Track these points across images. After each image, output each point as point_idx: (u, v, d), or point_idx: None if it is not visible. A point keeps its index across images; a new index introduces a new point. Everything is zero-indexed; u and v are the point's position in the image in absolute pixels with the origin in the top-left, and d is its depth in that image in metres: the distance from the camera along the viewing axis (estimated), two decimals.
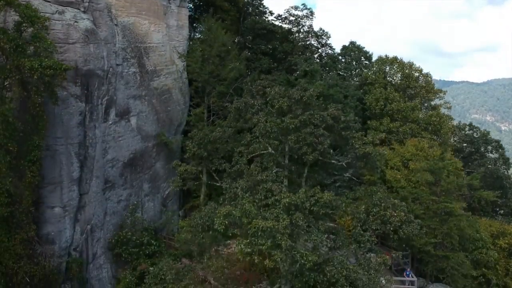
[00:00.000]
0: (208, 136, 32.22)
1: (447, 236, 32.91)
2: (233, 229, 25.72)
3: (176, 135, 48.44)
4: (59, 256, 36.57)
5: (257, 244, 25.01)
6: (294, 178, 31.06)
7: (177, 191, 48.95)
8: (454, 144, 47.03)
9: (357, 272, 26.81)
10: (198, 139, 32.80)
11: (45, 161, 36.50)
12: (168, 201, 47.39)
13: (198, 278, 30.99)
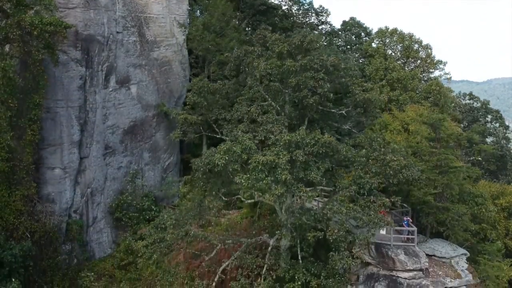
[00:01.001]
0: (208, 86, 32.34)
1: (447, 188, 32.78)
2: (233, 164, 25.72)
3: (176, 107, 48.62)
4: (59, 215, 36.85)
5: (257, 179, 25.04)
6: (294, 127, 31.05)
7: (177, 163, 49.15)
8: (454, 114, 46.83)
9: (356, 211, 26.80)
10: (198, 88, 32.96)
11: (45, 123, 36.98)
12: (169, 172, 47.53)
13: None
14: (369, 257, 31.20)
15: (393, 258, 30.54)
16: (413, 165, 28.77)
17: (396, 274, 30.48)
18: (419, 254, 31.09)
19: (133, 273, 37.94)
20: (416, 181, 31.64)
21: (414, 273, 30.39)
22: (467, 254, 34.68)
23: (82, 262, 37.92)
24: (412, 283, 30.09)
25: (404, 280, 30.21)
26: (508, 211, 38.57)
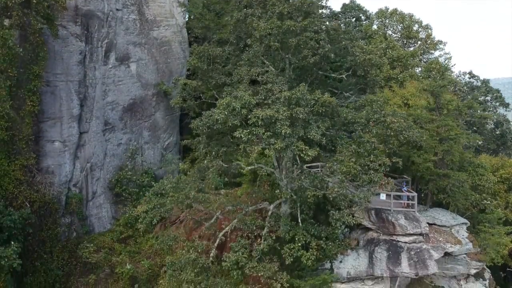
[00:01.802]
0: (207, 51, 32.27)
1: (447, 155, 32.69)
2: (233, 119, 25.64)
3: (176, 88, 48.57)
4: (58, 187, 36.81)
5: (257, 133, 24.98)
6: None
7: (177, 143, 49.11)
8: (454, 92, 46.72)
9: (357, 170, 26.72)
10: (198, 53, 32.94)
11: (45, 96, 37.06)
12: (168, 152, 47.49)
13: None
14: (369, 223, 31.12)
15: (393, 223, 30.46)
16: (414, 128, 28.70)
17: (396, 238, 30.39)
18: (419, 219, 31.02)
19: (133, 246, 37.89)
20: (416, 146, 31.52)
21: (414, 238, 30.31)
22: (468, 223, 34.64)
23: (81, 235, 37.82)
24: (412, 247, 29.97)
25: (404, 244, 30.11)
26: (508, 183, 38.46)
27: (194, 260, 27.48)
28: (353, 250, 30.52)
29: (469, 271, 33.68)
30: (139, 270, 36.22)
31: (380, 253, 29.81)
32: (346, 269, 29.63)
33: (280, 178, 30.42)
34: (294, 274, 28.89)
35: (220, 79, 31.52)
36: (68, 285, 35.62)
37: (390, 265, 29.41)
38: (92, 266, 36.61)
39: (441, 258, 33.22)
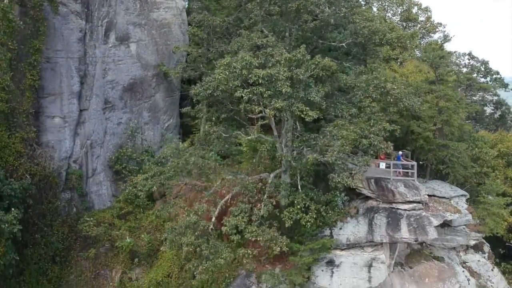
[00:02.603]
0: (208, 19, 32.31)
1: (446, 125, 32.81)
2: (234, 80, 25.74)
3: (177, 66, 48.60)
4: (59, 161, 36.92)
5: (258, 93, 25.08)
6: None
7: (177, 125, 49.22)
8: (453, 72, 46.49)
9: (356, 133, 26.83)
10: (198, 21, 33.03)
11: (45, 72, 37.25)
12: (168, 133, 47.54)
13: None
14: (368, 191, 31.20)
15: (393, 191, 30.53)
16: (413, 95, 28.83)
17: (396, 206, 30.47)
18: (419, 187, 31.10)
19: (133, 222, 37.88)
20: (415, 116, 31.65)
21: (413, 205, 30.39)
22: (467, 195, 34.75)
23: (81, 211, 37.87)
24: (412, 214, 30.04)
25: (404, 211, 30.19)
26: (507, 158, 38.56)
27: (194, 223, 27.55)
28: (353, 218, 30.60)
29: (468, 242, 33.79)
30: (139, 244, 36.21)
31: (379, 219, 29.88)
32: (345, 236, 29.67)
33: (280, 147, 30.48)
34: (294, 240, 28.94)
35: (220, 47, 31.62)
36: (68, 259, 35.64)
37: (389, 231, 29.46)
38: (92, 240, 36.64)
39: (441, 229, 33.38)
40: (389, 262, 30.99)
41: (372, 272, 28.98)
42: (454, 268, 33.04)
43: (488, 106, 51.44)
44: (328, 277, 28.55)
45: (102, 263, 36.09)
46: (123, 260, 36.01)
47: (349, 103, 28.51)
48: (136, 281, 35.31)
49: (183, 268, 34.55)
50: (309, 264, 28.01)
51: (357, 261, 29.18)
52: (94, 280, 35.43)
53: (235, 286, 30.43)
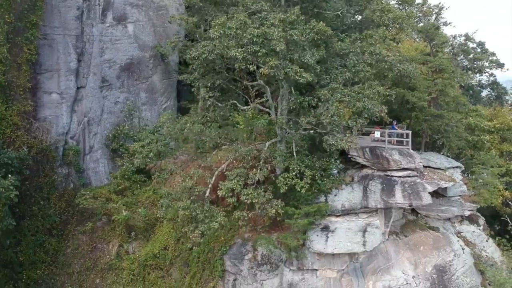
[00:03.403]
0: None
1: (441, 94, 33.01)
2: (229, 39, 25.91)
3: (173, 54, 48.96)
4: (56, 136, 37.20)
5: (252, 51, 25.23)
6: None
7: (174, 108, 49.37)
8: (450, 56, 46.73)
9: (350, 96, 27.04)
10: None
11: (42, 49, 37.54)
12: None
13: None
14: (363, 160, 31.36)
15: (388, 158, 30.70)
16: (408, 61, 29.03)
17: (391, 173, 30.60)
18: (414, 155, 31.27)
19: (130, 197, 37.98)
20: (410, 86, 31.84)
21: (408, 172, 30.54)
22: (462, 167, 34.93)
23: (78, 187, 38.03)
24: (406, 181, 30.19)
25: (399, 178, 30.34)
26: (502, 133, 38.75)
27: (190, 188, 27.71)
28: (348, 185, 30.74)
29: (463, 212, 33.92)
30: (136, 218, 36.35)
31: (374, 186, 30.02)
32: (340, 202, 29.81)
33: (275, 116, 30.63)
34: (289, 205, 29.07)
35: (216, 16, 31.79)
36: (65, 233, 35.79)
37: (384, 196, 29.62)
38: (89, 215, 36.83)
39: (436, 200, 33.57)
40: (384, 230, 31.13)
41: (367, 236, 29.12)
42: (449, 238, 33.18)
43: (484, 89, 51.65)
44: (323, 241, 28.67)
45: (99, 236, 36.23)
46: (120, 233, 36.13)
47: (343, 68, 28.66)
48: (132, 254, 35.38)
49: (180, 240, 34.77)
50: (304, 227, 28.13)
51: (351, 226, 29.31)
52: (91, 253, 35.57)
53: (231, 254, 30.52)
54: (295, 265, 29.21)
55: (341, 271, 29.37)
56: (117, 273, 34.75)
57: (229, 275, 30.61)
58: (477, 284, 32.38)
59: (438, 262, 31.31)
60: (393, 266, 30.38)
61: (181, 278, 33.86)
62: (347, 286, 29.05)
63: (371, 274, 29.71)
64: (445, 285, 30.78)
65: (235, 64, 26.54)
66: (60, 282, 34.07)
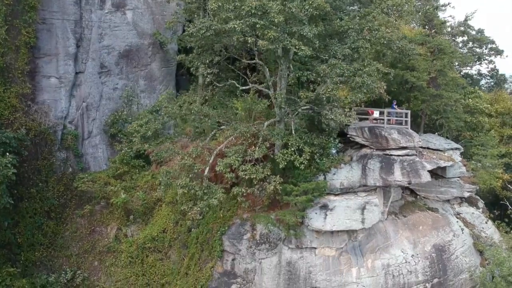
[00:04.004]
0: None
1: (440, 74, 32.97)
2: (226, 12, 25.87)
3: (172, 42, 48.94)
4: (54, 120, 37.13)
5: (250, 24, 25.18)
6: None
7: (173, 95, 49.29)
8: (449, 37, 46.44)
9: (349, 71, 27.00)
10: None
11: (41, 33, 37.52)
12: None
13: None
14: (362, 139, 31.34)
15: (386, 137, 30.70)
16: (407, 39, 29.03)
17: (390, 152, 30.61)
18: (413, 134, 31.29)
19: (128, 182, 37.89)
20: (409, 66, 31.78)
21: (407, 151, 30.55)
22: (461, 149, 34.88)
23: (77, 171, 37.92)
24: (405, 159, 30.18)
25: (398, 157, 30.34)
26: (503, 117, 38.69)
27: (189, 166, 27.65)
28: (347, 164, 30.70)
29: (462, 194, 33.90)
30: (134, 201, 36.29)
31: (373, 164, 29.99)
32: (339, 180, 29.76)
33: (274, 96, 30.56)
34: (288, 183, 29.01)
35: None
36: (63, 216, 35.69)
37: (383, 174, 29.58)
38: (87, 199, 36.74)
39: (435, 181, 33.57)
40: (383, 209, 31.09)
41: (366, 214, 29.02)
42: (448, 218, 33.13)
43: (484, 78, 51.64)
44: (322, 219, 28.57)
45: (97, 220, 36.15)
46: (118, 217, 36.07)
47: (342, 45, 28.63)
48: (131, 237, 35.29)
49: (178, 223, 34.72)
50: (303, 204, 28.04)
51: (350, 204, 29.22)
52: (89, 236, 35.49)
53: (229, 234, 30.43)
54: (294, 244, 29.10)
55: (339, 250, 29.27)
56: (116, 256, 34.64)
57: (228, 255, 30.50)
58: (476, 264, 32.33)
59: (437, 241, 31.25)
60: (392, 245, 30.31)
61: (180, 260, 33.82)
62: (345, 264, 28.94)
63: (370, 253, 29.63)
64: (444, 264, 30.71)
65: (234, 37, 26.46)
66: (58, 264, 33.96)
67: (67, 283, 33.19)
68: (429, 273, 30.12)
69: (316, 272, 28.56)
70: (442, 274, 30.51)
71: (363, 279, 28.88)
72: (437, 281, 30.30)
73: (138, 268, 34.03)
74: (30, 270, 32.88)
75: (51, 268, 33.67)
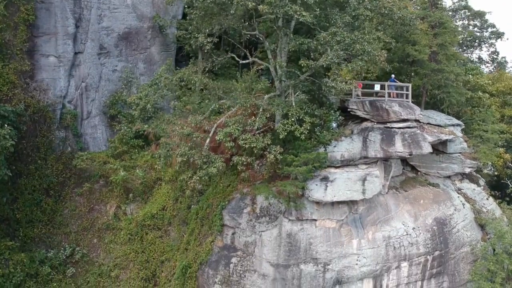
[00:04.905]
0: None
1: (441, 48, 32.86)
2: None
3: (171, 26, 48.83)
4: (54, 98, 37.03)
5: None
6: None
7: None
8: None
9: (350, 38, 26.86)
10: None
11: (40, 12, 37.51)
12: None
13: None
14: (363, 112, 31.19)
15: (387, 110, 30.55)
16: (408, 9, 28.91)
17: (390, 125, 30.45)
18: (413, 107, 31.16)
19: (128, 161, 37.76)
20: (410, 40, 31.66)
21: (408, 123, 30.41)
22: (462, 125, 34.74)
23: (76, 151, 37.73)
24: (406, 131, 30.04)
25: (399, 129, 30.17)
26: (503, 97, 38.57)
27: (188, 135, 27.47)
28: (347, 137, 30.52)
29: (463, 169, 33.72)
30: (133, 179, 36.12)
31: (374, 136, 29.81)
32: (340, 152, 29.53)
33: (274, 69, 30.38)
34: (289, 153, 28.82)
35: None
36: (62, 194, 35.53)
37: (383, 145, 29.39)
38: (86, 178, 36.58)
39: (436, 157, 33.44)
40: (384, 183, 30.90)
41: (366, 185, 28.80)
42: (449, 193, 32.94)
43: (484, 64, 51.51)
44: (322, 190, 28.35)
45: (97, 198, 35.99)
46: (118, 195, 35.91)
47: (343, 13, 28.46)
48: (130, 215, 35.10)
49: (178, 200, 34.55)
50: (303, 174, 27.80)
51: (351, 176, 29.01)
52: (88, 214, 35.34)
53: (229, 208, 30.19)
54: (294, 216, 28.88)
55: (340, 222, 29.04)
56: (115, 233, 34.46)
57: (228, 229, 30.28)
58: (478, 238, 32.14)
59: (438, 215, 31.07)
60: (393, 218, 30.12)
61: (179, 237, 33.64)
62: (346, 236, 28.73)
63: (371, 225, 29.42)
64: (445, 237, 30.52)
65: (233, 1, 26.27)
66: (57, 241, 33.75)
67: (66, 259, 33.01)
68: (430, 245, 29.91)
69: (316, 243, 28.34)
70: (444, 247, 30.30)
71: (364, 250, 28.65)
72: (439, 254, 30.07)
73: (138, 245, 33.84)
74: (29, 246, 32.67)
75: (50, 245, 33.47)
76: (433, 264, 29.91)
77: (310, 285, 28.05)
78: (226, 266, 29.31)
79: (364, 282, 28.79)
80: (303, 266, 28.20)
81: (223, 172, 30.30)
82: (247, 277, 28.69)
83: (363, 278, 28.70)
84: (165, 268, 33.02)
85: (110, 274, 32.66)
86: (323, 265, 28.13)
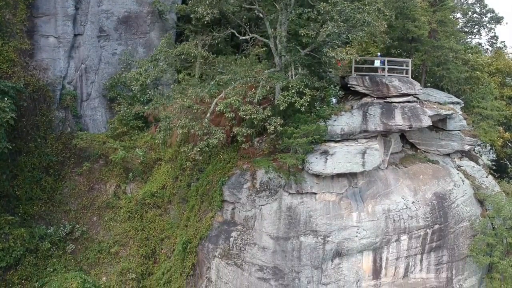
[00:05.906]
0: None
1: (441, 25, 32.93)
2: None
3: (171, 12, 48.83)
4: (53, 78, 37.06)
5: None
6: None
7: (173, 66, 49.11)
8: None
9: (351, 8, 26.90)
10: None
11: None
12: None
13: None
14: (363, 88, 31.27)
15: (387, 85, 30.64)
16: None
17: (390, 100, 30.52)
18: (413, 82, 31.28)
19: (127, 142, 37.72)
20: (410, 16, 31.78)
21: (408, 98, 30.47)
22: (462, 103, 34.82)
23: (75, 131, 37.71)
24: (406, 106, 30.15)
25: (398, 103, 30.26)
26: (502, 75, 38.60)
27: (188, 107, 27.49)
28: (347, 111, 30.58)
29: (463, 147, 33.79)
30: (133, 159, 36.10)
31: (374, 110, 29.90)
32: (340, 126, 29.57)
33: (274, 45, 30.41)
34: (289, 125, 28.83)
35: None
36: (62, 173, 35.46)
37: (383, 119, 29.47)
38: (86, 157, 36.54)
39: (435, 134, 33.50)
40: (383, 158, 30.95)
41: (366, 157, 28.87)
42: (448, 170, 33.00)
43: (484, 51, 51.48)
44: (322, 163, 28.40)
45: (96, 177, 35.94)
46: (117, 174, 35.88)
47: None
48: (130, 194, 35.06)
49: (178, 178, 34.53)
50: (303, 146, 27.81)
51: (351, 150, 29.08)
52: (88, 192, 35.27)
53: (229, 184, 30.21)
54: (294, 189, 28.91)
55: (340, 195, 29.08)
56: (115, 211, 34.42)
57: (228, 205, 30.29)
58: (477, 214, 32.18)
59: (438, 190, 31.12)
60: (393, 192, 30.16)
61: (179, 215, 33.63)
62: (346, 209, 28.75)
63: (371, 199, 29.46)
64: (445, 211, 30.55)
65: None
66: (57, 219, 33.68)
67: (66, 236, 32.96)
68: (430, 218, 29.95)
69: (316, 216, 28.36)
70: (443, 220, 30.33)
71: (364, 223, 28.68)
72: (438, 227, 30.11)
73: (137, 223, 33.83)
74: (29, 222, 32.60)
75: (50, 222, 33.39)
76: (432, 238, 29.94)
77: (310, 256, 28.06)
78: (226, 240, 29.31)
79: (364, 255, 28.81)
80: (303, 238, 28.21)
81: (223, 146, 30.34)
82: (247, 250, 28.69)
83: (362, 251, 28.72)
84: (165, 246, 33.02)
85: (109, 250, 32.61)
86: (323, 237, 28.13)
